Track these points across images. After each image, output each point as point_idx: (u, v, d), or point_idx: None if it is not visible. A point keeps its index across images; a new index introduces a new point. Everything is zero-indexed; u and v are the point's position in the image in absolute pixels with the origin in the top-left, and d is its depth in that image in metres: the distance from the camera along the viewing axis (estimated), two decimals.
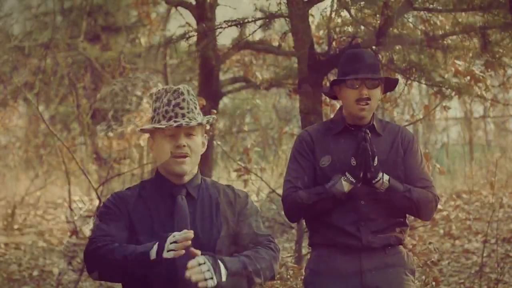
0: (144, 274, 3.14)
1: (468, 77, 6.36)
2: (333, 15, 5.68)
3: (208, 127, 3.47)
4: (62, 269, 8.67)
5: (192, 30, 5.82)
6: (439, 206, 4.34)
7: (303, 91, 5.43)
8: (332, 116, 4.60)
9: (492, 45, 5.38)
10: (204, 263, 3.06)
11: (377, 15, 5.36)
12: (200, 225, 3.28)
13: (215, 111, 6.92)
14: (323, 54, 5.83)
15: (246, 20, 5.48)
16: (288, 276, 5.59)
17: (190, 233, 3.03)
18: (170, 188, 3.31)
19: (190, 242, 3.03)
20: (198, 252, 3.06)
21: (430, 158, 6.85)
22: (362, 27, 5.50)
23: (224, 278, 3.09)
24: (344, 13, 5.53)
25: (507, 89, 6.73)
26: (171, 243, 3.04)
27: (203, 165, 10.06)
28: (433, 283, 5.76)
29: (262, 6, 5.50)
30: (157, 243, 3.07)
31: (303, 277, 4.07)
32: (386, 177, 3.81)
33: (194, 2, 10.32)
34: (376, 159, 3.75)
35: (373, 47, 5.47)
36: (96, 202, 8.19)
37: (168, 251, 3.03)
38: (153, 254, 3.06)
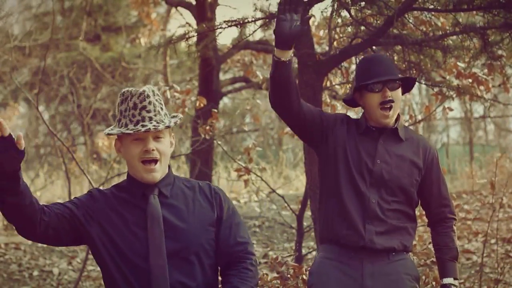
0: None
1: (470, 80, 6.36)
2: (333, 15, 5.67)
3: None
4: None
5: (192, 30, 5.81)
6: None
7: (304, 91, 5.42)
8: None
9: (492, 45, 5.38)
10: None
11: (377, 15, 5.36)
12: (176, 221, 3.26)
13: (215, 111, 6.91)
14: (323, 54, 5.83)
15: (246, 20, 5.47)
16: (289, 276, 5.59)
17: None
18: (142, 189, 3.29)
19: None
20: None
21: None
22: (362, 27, 5.50)
23: None
24: (344, 13, 5.52)
25: (507, 89, 6.71)
26: None
27: (203, 166, 10.09)
28: (433, 283, 5.76)
29: (262, 6, 5.49)
30: None
31: (307, 280, 4.06)
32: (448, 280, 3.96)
33: (194, 2, 10.33)
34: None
35: (373, 47, 5.48)
36: None
37: None
38: None
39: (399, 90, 3.94)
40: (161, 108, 3.30)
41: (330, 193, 3.94)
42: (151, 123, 3.23)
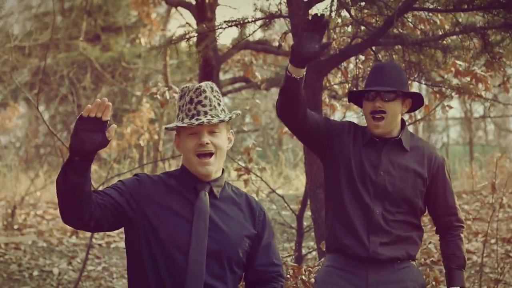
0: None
1: (469, 78, 6.35)
2: (333, 15, 5.67)
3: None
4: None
5: (192, 30, 5.81)
6: None
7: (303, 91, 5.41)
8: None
9: (492, 45, 5.38)
10: None
11: (377, 15, 5.36)
12: (220, 223, 3.27)
13: None
14: (323, 54, 5.82)
15: (246, 20, 5.47)
16: (288, 276, 5.58)
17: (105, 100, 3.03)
18: (194, 183, 3.29)
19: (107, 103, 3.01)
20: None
21: None
22: (362, 27, 5.50)
23: None
24: (344, 13, 5.52)
25: (507, 89, 6.71)
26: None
27: None
28: (433, 283, 5.75)
29: (262, 6, 5.49)
30: None
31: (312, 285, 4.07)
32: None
33: (194, 2, 10.33)
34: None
35: (373, 47, 5.47)
36: None
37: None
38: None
39: (396, 103, 3.89)
40: (218, 104, 3.31)
41: (335, 203, 3.94)
42: (205, 117, 3.25)
